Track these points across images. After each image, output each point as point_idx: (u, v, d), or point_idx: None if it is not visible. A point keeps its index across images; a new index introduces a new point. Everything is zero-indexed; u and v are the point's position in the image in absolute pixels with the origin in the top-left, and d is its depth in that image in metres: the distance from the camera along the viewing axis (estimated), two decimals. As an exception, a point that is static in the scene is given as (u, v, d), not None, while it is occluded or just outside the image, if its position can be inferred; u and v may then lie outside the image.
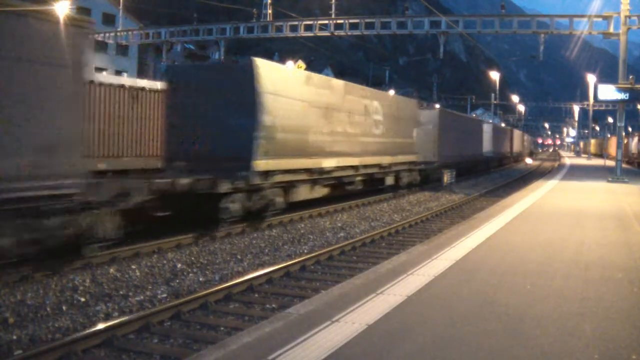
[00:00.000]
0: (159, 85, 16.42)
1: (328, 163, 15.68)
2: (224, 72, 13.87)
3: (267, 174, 12.86)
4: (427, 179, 25.25)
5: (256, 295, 7.85)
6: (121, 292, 7.64)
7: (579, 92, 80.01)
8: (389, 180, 20.86)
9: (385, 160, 19.97)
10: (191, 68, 14.64)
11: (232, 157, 12.29)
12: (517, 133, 65.62)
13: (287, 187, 14.05)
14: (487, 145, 40.87)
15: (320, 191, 15.96)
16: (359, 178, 18.20)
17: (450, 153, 28.20)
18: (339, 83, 17.22)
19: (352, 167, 17.35)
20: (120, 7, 39.04)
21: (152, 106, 16.04)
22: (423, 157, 24.25)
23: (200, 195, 11.20)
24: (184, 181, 10.88)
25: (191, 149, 12.92)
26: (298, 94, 14.30)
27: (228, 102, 12.78)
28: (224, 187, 11.53)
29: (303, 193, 14.93)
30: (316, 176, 15.25)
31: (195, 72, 14.64)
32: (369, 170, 18.84)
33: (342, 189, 17.54)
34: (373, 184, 19.91)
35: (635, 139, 45.68)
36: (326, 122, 15.69)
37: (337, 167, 16.24)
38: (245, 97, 12.60)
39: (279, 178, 13.43)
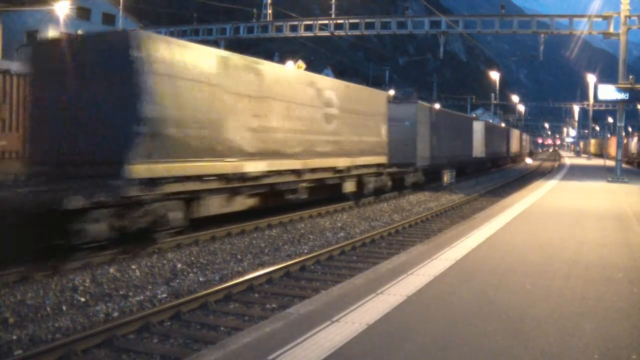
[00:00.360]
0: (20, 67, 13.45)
1: (254, 167, 12.43)
2: (99, 47, 10.26)
3: (153, 182, 9.81)
4: (402, 183, 22.05)
5: (256, 295, 7.85)
6: (121, 292, 7.64)
7: (579, 92, 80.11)
8: (348, 187, 17.48)
9: (342, 162, 16.57)
10: (59, 42, 10.82)
11: (104, 160, 9.53)
12: (514, 132, 63.30)
13: (190, 199, 10.88)
14: (478, 146, 36.98)
15: (244, 202, 12.65)
16: (303, 185, 14.78)
17: (432, 154, 25.64)
18: (272, 67, 13.95)
19: (292, 171, 14.09)
20: (120, 7, 39.04)
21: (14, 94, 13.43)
22: (398, 159, 21.31)
23: (42, 214, 8.31)
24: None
25: (58, 150, 10.17)
26: (208, 77, 11.20)
27: (103, 86, 9.86)
28: (74, 202, 8.46)
29: (215, 206, 11.63)
30: (236, 184, 12.01)
31: (64, 47, 10.80)
32: (319, 175, 15.49)
33: (279, 199, 14.20)
34: (326, 192, 16.60)
35: (635, 139, 45.80)
36: (252, 115, 12.49)
37: (269, 171, 13.05)
38: (123, 79, 9.70)
39: (173, 187, 10.28)
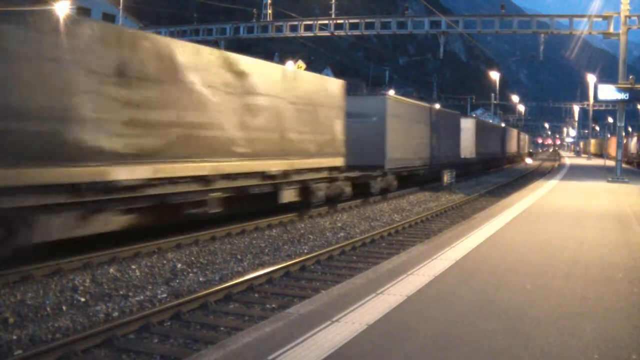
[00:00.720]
0: None
1: (129, 173, 9.40)
2: None
3: None
4: (368, 190, 18.82)
5: (256, 295, 7.85)
6: (121, 292, 7.64)
7: (579, 92, 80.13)
8: (288, 196, 13.99)
9: (276, 165, 13.29)
10: None
11: None
12: (512, 131, 59.87)
13: (12, 219, 7.87)
14: (468, 146, 33.49)
15: (114, 221, 9.43)
16: (214, 196, 11.47)
17: (409, 155, 22.58)
18: (163, 41, 10.65)
19: (194, 178, 10.88)
20: (120, 7, 39.02)
21: None
22: (363, 161, 18.43)
23: None
24: None
25: None
26: (39, 50, 8.11)
27: None
28: None
29: (62, 228, 8.50)
30: (98, 196, 8.94)
31: None
32: (239, 183, 12.17)
33: (176, 214, 10.92)
34: (254, 203, 13.33)
35: (634, 139, 46.08)
36: (126, 104, 9.43)
37: (156, 179, 9.94)
38: None
39: None
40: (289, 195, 14.10)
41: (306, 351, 3.85)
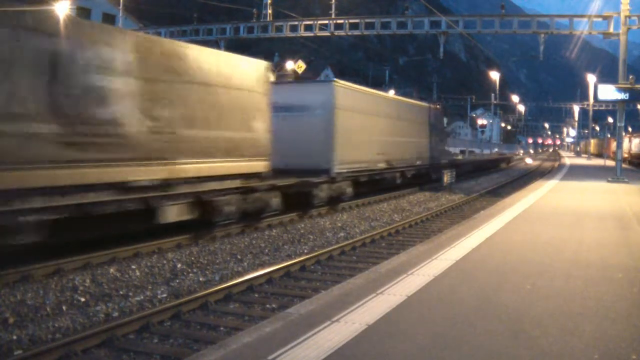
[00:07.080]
0: None
1: None
2: None
3: None
4: (310, 200, 15.09)
5: (256, 295, 7.85)
6: (121, 292, 7.63)
7: (579, 92, 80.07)
8: (173, 214, 10.58)
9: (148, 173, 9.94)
10: None
11: None
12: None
13: None
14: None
15: None
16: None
17: (367, 156, 17.90)
18: None
19: None
20: (120, 7, 38.98)
21: None
22: (300, 164, 15.36)
23: None
24: None
25: None
26: None
27: None
28: None
29: None
30: None
31: None
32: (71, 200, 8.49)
33: None
34: (109, 225, 9.63)
35: (626, 140, 47.48)
36: None
37: None
38: None
39: None
40: (174, 212, 10.43)
41: (306, 351, 3.84)
